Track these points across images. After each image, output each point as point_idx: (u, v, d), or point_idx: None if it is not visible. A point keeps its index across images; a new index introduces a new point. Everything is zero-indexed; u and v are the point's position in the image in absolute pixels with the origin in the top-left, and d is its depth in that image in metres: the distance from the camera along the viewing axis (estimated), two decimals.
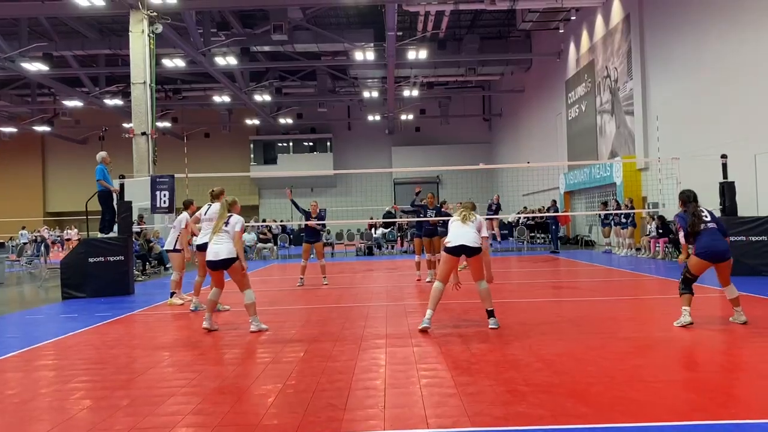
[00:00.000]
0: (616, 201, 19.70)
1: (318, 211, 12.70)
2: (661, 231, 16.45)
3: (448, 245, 7.14)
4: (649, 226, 17.04)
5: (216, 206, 8.48)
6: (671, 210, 16.86)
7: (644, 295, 10.01)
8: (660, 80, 18.96)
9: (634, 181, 20.04)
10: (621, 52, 21.47)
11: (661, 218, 16.69)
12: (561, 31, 26.50)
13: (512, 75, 35.10)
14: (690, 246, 7.07)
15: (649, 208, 18.38)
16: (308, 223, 12.45)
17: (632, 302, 9.22)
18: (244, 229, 7.60)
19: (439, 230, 12.16)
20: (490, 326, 6.98)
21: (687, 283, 6.92)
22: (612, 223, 19.39)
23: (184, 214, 10.02)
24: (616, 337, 6.34)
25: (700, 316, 7.73)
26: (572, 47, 26.81)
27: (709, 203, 13.82)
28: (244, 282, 7.41)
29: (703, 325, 7.13)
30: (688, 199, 7.06)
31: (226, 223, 7.45)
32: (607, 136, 23.34)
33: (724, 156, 12.58)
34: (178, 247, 10.01)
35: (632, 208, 17.94)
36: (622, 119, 21.68)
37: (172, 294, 10.13)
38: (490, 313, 7.09)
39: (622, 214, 18.26)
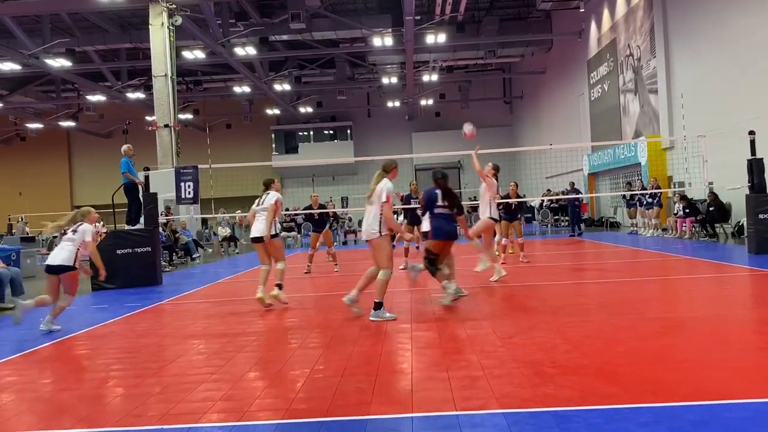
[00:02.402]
0: (641, 181, 19.45)
1: (319, 202, 13.65)
2: (687, 211, 16.22)
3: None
4: (677, 205, 16.81)
5: (271, 195, 8.34)
6: (698, 189, 16.61)
7: (672, 276, 9.89)
8: (684, 57, 18.60)
9: (659, 160, 19.74)
10: (643, 30, 21.09)
11: (685, 197, 16.45)
12: (582, 10, 26.07)
13: (533, 56, 34.67)
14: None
15: (675, 187, 18.12)
16: (309, 212, 13.53)
17: (660, 283, 9.11)
18: (95, 239, 7.72)
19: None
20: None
21: (433, 263, 7.39)
22: (638, 203, 19.15)
23: (274, 194, 8.52)
24: (645, 317, 6.27)
25: (730, 295, 7.63)
26: (593, 26, 26.39)
27: (737, 180, 13.64)
28: (72, 290, 7.39)
29: (733, 303, 7.03)
30: (438, 179, 7.45)
31: (75, 231, 7.44)
32: (630, 116, 23.00)
33: (752, 132, 12.34)
34: (273, 232, 8.37)
35: (658, 188, 17.69)
36: (646, 98, 21.34)
37: (280, 286, 8.33)
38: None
39: (647, 194, 18.02)
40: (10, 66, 26.35)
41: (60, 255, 7.25)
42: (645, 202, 18.49)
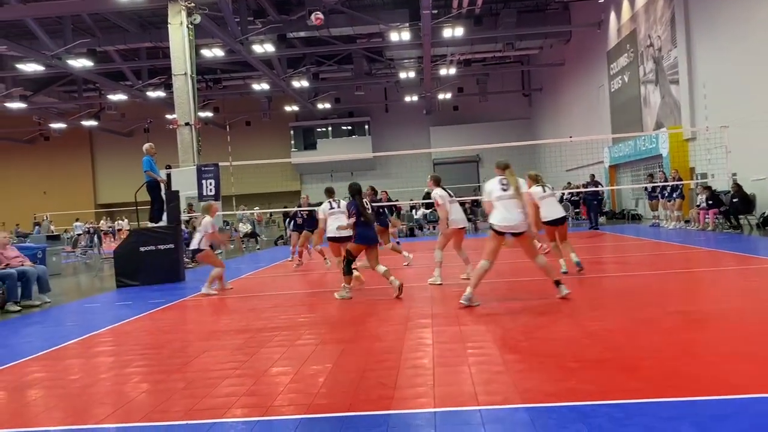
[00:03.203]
0: (663, 173, 19.22)
1: (309, 202, 14.64)
2: (710, 202, 16.01)
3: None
4: (699, 197, 16.59)
5: (342, 204, 9.60)
6: (721, 180, 16.38)
7: (695, 268, 9.79)
8: (706, 46, 18.32)
9: (681, 151, 19.51)
10: (664, 20, 20.81)
11: (708, 188, 16.24)
12: (600, 0, 25.79)
13: (551, 48, 34.37)
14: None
15: (697, 179, 17.89)
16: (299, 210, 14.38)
17: (682, 275, 9.02)
18: (215, 228, 10.05)
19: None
20: None
21: (349, 265, 8.34)
22: (659, 195, 18.94)
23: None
24: (667, 311, 6.22)
25: (754, 287, 7.53)
26: (613, 17, 26.10)
27: (761, 171, 13.44)
28: (211, 262, 10.03)
29: (758, 296, 6.94)
30: (357, 191, 8.47)
31: (200, 223, 9.94)
32: (651, 107, 22.73)
33: None
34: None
35: (679, 179, 17.48)
36: (667, 89, 21.07)
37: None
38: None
39: (669, 186, 17.80)
40: (33, 67, 26.75)
41: (194, 241, 9.96)
42: (666, 194, 18.26)
